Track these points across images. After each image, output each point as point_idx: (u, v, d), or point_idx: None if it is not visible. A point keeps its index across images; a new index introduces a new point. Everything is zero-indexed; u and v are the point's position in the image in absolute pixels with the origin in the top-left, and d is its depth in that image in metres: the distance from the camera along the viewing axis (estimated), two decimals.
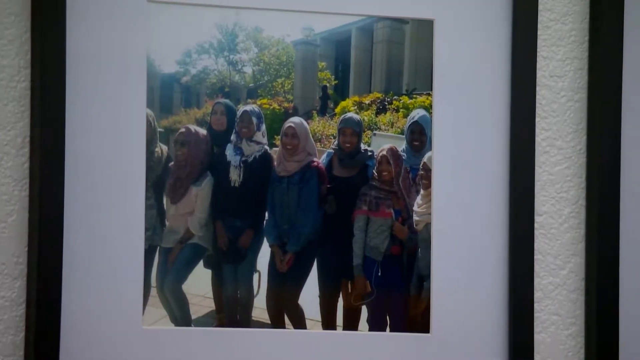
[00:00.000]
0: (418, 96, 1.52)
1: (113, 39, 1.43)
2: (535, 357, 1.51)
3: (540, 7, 1.51)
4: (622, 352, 1.50)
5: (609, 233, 1.49)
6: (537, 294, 1.52)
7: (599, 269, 1.49)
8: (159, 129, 1.46)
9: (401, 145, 1.52)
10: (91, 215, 1.42)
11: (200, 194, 1.49)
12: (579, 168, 1.53)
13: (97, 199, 1.42)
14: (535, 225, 1.52)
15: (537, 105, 1.52)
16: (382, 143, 1.52)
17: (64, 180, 1.39)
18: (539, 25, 1.52)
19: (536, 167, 1.51)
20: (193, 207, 1.49)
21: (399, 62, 1.53)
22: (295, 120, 1.51)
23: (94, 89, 1.42)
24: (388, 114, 1.52)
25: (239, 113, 1.49)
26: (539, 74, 1.52)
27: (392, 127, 1.52)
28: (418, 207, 1.52)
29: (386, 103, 1.52)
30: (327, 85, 1.52)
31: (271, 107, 1.50)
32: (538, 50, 1.52)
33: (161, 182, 1.47)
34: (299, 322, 1.51)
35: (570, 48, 1.53)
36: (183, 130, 1.48)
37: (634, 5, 1.51)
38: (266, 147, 1.51)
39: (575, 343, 1.53)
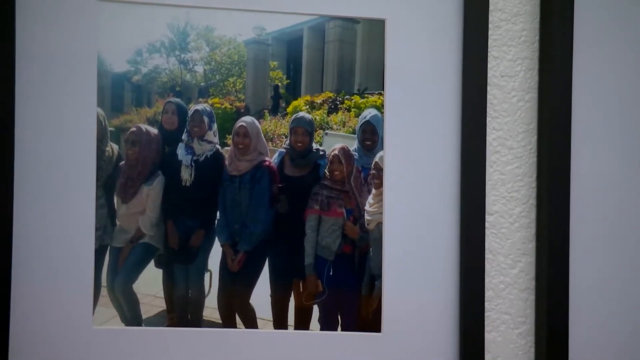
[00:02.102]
0: (370, 96, 1.62)
1: (63, 38, 1.52)
2: (485, 355, 1.61)
3: (491, 7, 1.61)
4: (571, 350, 1.60)
5: (559, 232, 1.59)
6: (488, 293, 1.62)
7: (549, 268, 1.59)
8: (109, 128, 1.55)
9: (353, 145, 1.62)
10: (41, 214, 1.51)
11: (151, 194, 1.59)
12: (530, 167, 1.64)
13: (47, 199, 1.51)
14: (486, 224, 1.62)
15: (488, 105, 1.62)
16: (333, 142, 1.62)
17: (14, 179, 1.49)
18: (490, 25, 1.62)
19: (487, 167, 1.62)
20: (144, 207, 1.59)
21: (351, 61, 1.63)
22: (247, 119, 1.60)
23: (44, 88, 1.51)
24: (340, 113, 1.62)
25: (190, 112, 1.59)
26: (489, 73, 1.62)
27: (343, 127, 1.62)
28: (369, 207, 1.62)
29: (338, 102, 1.62)
30: (279, 84, 1.62)
31: (223, 106, 1.60)
32: (489, 50, 1.62)
33: (112, 182, 1.56)
34: (250, 321, 1.60)
35: (521, 48, 1.64)
36: (134, 129, 1.57)
37: (584, 5, 1.61)
38: (218, 146, 1.60)
39: (525, 342, 1.63)
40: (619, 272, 1.62)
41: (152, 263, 1.59)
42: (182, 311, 1.59)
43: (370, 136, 1.62)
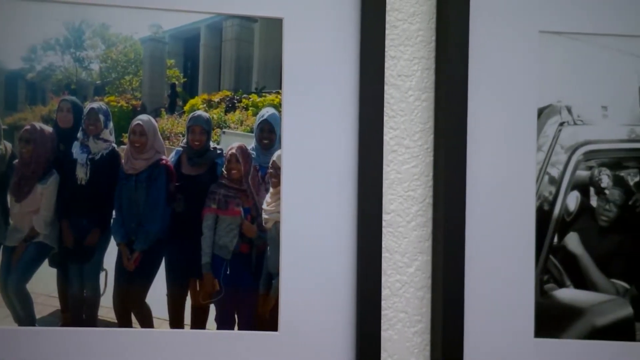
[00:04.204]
0: (267, 94, 1.70)
1: None
2: (382, 354, 1.69)
3: (387, 7, 1.69)
4: (466, 348, 1.69)
5: (455, 231, 1.68)
6: (385, 292, 1.71)
7: (445, 266, 1.67)
8: (3, 127, 1.61)
9: (250, 144, 1.70)
10: None
11: (45, 192, 1.65)
12: (426, 167, 1.72)
13: None
14: (383, 223, 1.70)
15: (385, 104, 1.70)
16: (231, 141, 1.69)
17: None
18: (387, 25, 1.70)
19: (384, 166, 1.70)
20: (38, 206, 1.64)
21: (248, 60, 1.70)
22: (143, 117, 1.67)
23: None
24: (237, 112, 1.70)
25: (85, 110, 1.65)
26: (386, 73, 1.71)
27: (241, 125, 1.70)
28: (267, 206, 1.70)
29: (235, 101, 1.69)
30: (176, 83, 1.69)
31: (119, 104, 1.66)
32: (386, 49, 1.70)
33: (5, 180, 1.62)
34: (146, 321, 1.66)
35: (417, 48, 1.72)
36: (28, 127, 1.63)
37: (480, 6, 1.70)
38: (114, 145, 1.67)
39: (421, 340, 1.72)
40: (514, 271, 1.71)
41: (46, 262, 1.65)
42: (77, 311, 1.65)
43: (268, 135, 1.69)
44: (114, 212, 1.66)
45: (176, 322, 1.67)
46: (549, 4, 1.73)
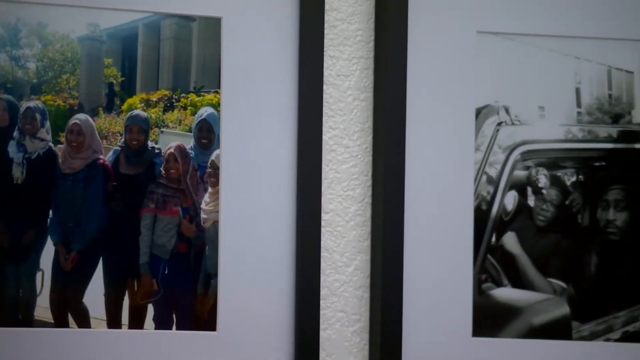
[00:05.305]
0: (206, 94, 1.71)
1: None
2: (320, 353, 1.71)
3: (326, 6, 1.71)
4: (405, 348, 1.72)
5: (394, 231, 1.70)
6: (324, 291, 1.73)
7: (384, 266, 1.70)
8: None
9: (189, 143, 1.71)
10: None
11: None
12: (365, 166, 1.75)
13: None
14: (322, 223, 1.71)
15: (324, 104, 1.72)
16: (169, 141, 1.71)
17: None
18: (326, 25, 1.71)
19: (323, 165, 1.71)
20: None
21: (187, 59, 1.72)
22: (81, 117, 1.68)
23: None
24: (176, 111, 1.71)
25: (22, 109, 1.66)
26: (325, 72, 1.72)
27: (179, 125, 1.72)
28: (206, 205, 1.72)
29: (174, 100, 1.71)
30: (114, 82, 1.70)
31: (56, 103, 1.67)
32: (325, 49, 1.71)
33: None
34: (83, 321, 1.67)
35: (356, 47, 1.75)
36: None
37: (418, 6, 1.73)
38: (51, 144, 1.67)
39: (360, 339, 1.75)
40: (452, 271, 1.74)
41: None
42: (13, 311, 1.66)
43: (207, 134, 1.71)
44: (50, 212, 1.67)
45: (114, 322, 1.68)
46: (486, 5, 1.76)
